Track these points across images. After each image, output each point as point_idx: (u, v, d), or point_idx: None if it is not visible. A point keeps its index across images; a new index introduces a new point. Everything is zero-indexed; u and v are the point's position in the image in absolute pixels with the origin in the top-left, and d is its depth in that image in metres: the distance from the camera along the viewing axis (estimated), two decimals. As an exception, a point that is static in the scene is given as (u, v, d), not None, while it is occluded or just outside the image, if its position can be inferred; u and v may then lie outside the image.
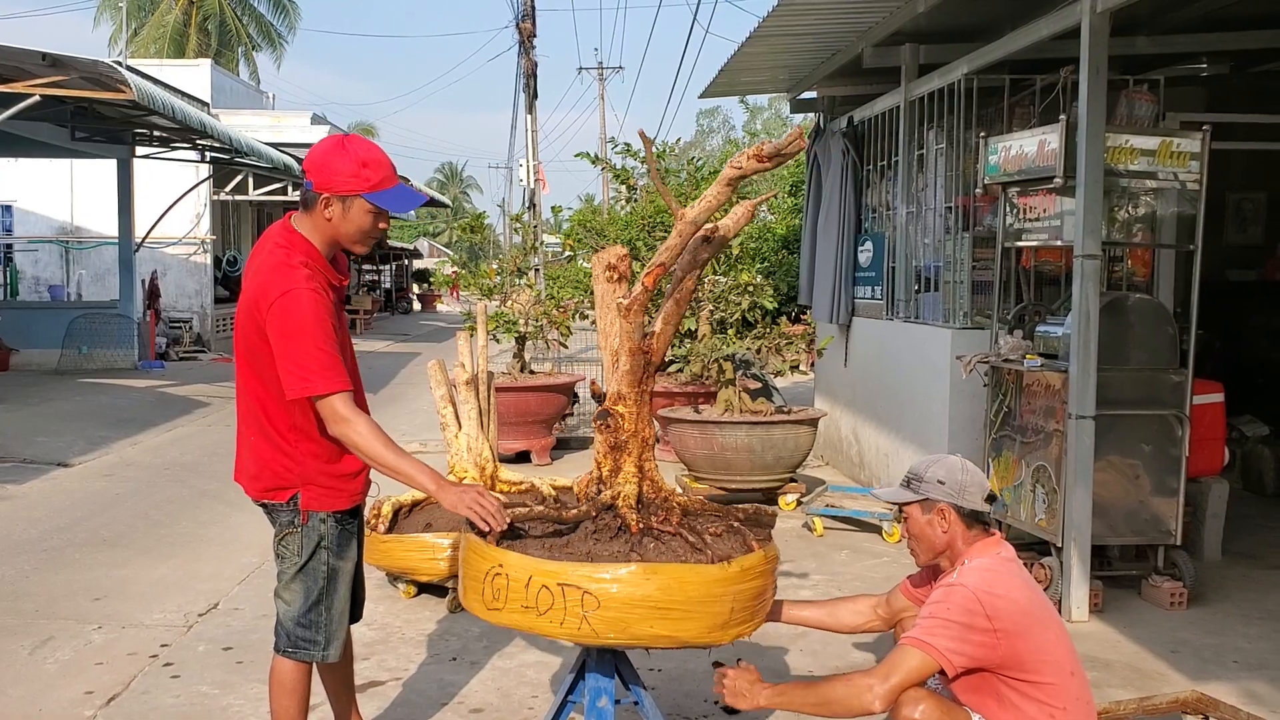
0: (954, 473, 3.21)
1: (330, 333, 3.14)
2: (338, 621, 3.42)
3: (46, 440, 10.49)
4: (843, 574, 6.16)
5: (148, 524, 7.53)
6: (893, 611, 3.65)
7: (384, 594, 5.81)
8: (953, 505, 3.18)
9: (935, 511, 3.21)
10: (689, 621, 3.05)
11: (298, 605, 3.36)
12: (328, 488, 3.31)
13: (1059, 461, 5.57)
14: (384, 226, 3.29)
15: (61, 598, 5.86)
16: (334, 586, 3.39)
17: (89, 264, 21.22)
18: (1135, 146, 5.53)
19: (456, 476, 5.84)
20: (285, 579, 3.37)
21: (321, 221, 3.23)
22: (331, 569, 3.38)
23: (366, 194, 3.18)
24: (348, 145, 3.22)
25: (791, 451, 7.45)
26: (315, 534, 3.34)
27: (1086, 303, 5.39)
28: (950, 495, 3.18)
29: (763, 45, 8.36)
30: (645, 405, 3.38)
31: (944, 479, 3.20)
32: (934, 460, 3.28)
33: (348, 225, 3.21)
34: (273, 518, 3.38)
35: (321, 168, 3.19)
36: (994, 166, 6.16)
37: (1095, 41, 5.30)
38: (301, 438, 3.26)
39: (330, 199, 3.18)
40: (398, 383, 16.45)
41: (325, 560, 3.36)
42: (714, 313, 8.54)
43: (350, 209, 3.19)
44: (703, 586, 3.06)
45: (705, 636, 3.10)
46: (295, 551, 3.34)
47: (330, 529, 3.35)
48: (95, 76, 10.64)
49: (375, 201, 3.19)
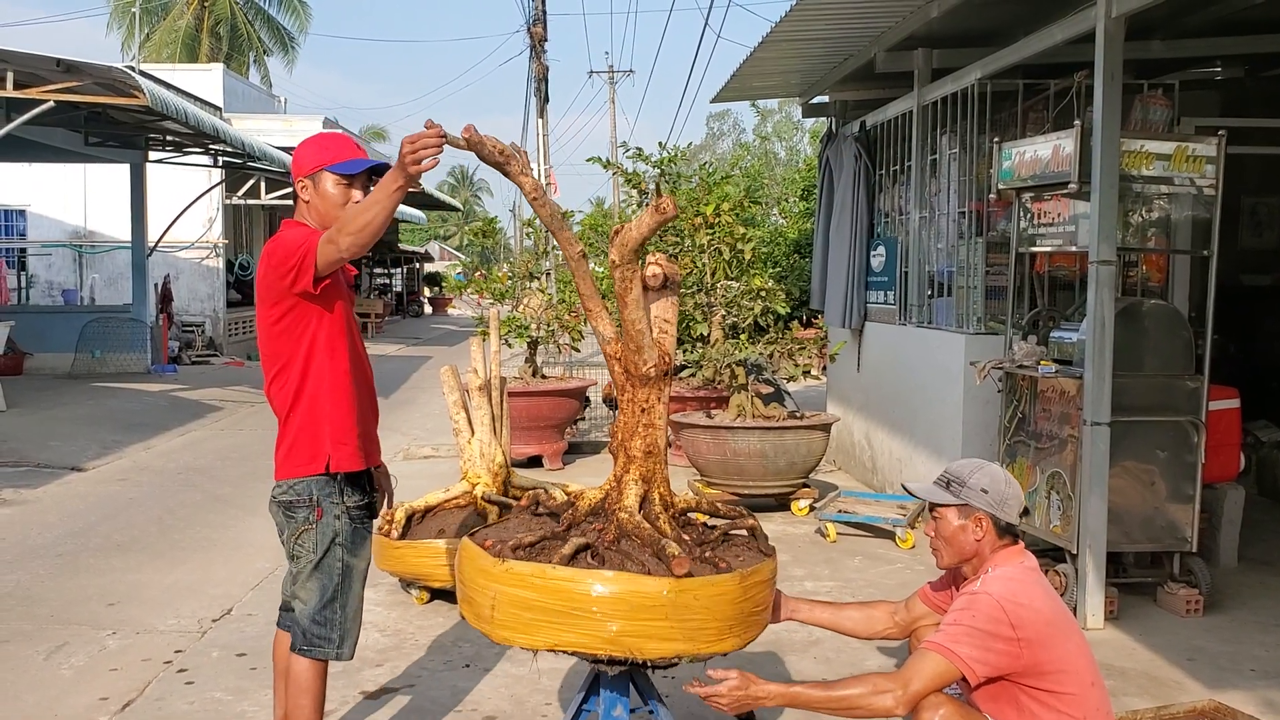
0: (998, 483, 3.21)
1: (315, 241, 3.26)
2: (352, 620, 3.50)
3: (60, 445, 10.52)
4: (856, 580, 6.14)
5: (161, 529, 7.55)
6: (910, 618, 3.63)
7: (397, 600, 5.81)
8: (990, 515, 3.17)
9: (972, 519, 3.19)
10: (694, 632, 3.05)
11: (313, 603, 3.43)
12: (344, 444, 3.40)
13: (1074, 468, 5.55)
14: (359, 197, 3.43)
15: (76, 603, 5.87)
16: (349, 584, 3.47)
17: (102, 268, 21.31)
18: (1150, 151, 5.51)
19: (470, 482, 5.85)
20: (302, 578, 3.45)
21: (304, 207, 3.48)
22: (346, 565, 3.46)
23: (329, 166, 3.42)
24: (312, 139, 3.55)
25: (804, 457, 7.43)
26: (330, 530, 3.41)
27: (1102, 309, 5.36)
28: (991, 506, 3.17)
29: (775, 50, 8.36)
30: (646, 408, 3.34)
31: (988, 488, 3.19)
32: (977, 467, 3.26)
33: (323, 201, 3.44)
34: (289, 516, 3.43)
35: (295, 161, 3.50)
36: (1008, 172, 6.14)
37: (1110, 46, 5.28)
38: (315, 402, 3.39)
39: (304, 182, 3.45)
40: (409, 387, 16.48)
41: (340, 557, 3.44)
42: (726, 317, 8.53)
43: (320, 184, 3.42)
44: (715, 596, 3.07)
45: (709, 646, 3.10)
46: (310, 549, 3.42)
47: (344, 525, 3.44)
48: (109, 82, 10.68)
49: (335, 170, 3.41)
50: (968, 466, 3.26)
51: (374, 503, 3.59)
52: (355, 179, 3.45)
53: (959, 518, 3.21)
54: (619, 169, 12.51)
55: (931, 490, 3.29)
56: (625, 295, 3.15)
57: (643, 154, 12.07)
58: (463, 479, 5.89)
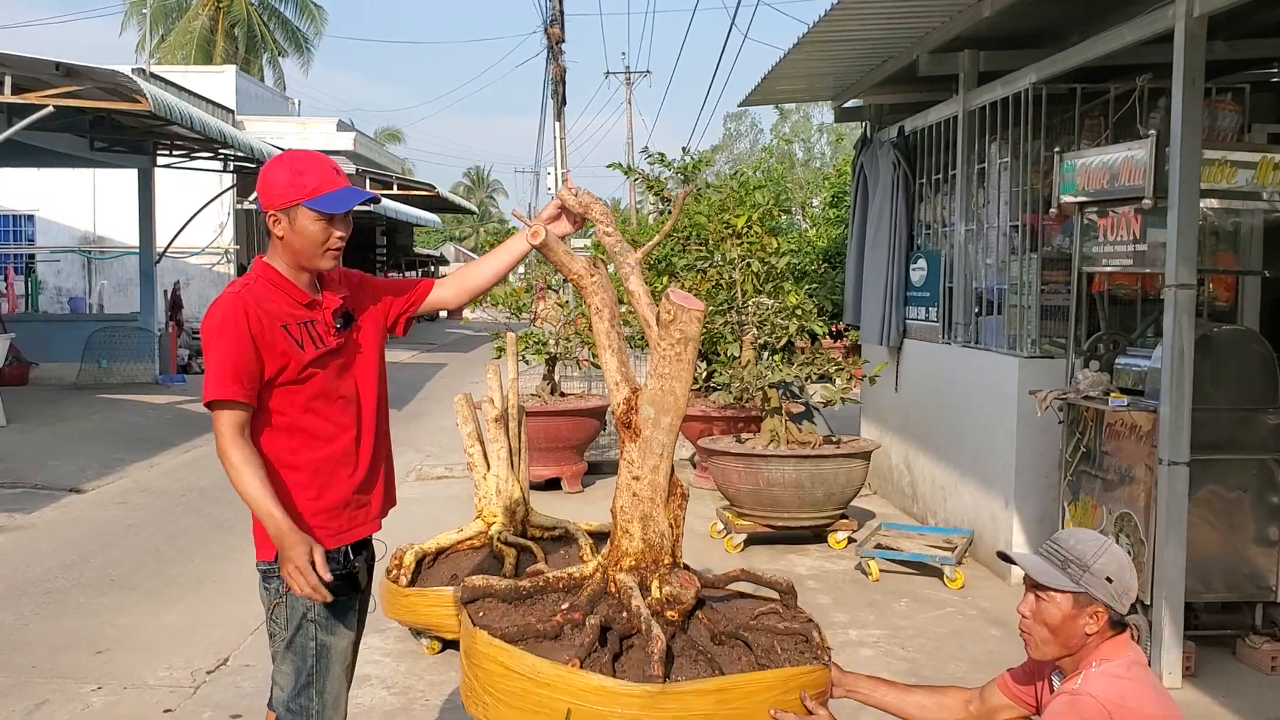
0: (1124, 572, 2.69)
1: (237, 342, 2.84)
2: (332, 708, 3.03)
3: (60, 464, 10.12)
4: (904, 628, 5.66)
5: (158, 560, 7.12)
6: (987, 709, 3.15)
7: (406, 649, 5.36)
8: (1109, 608, 2.68)
9: (1089, 611, 2.67)
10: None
11: (289, 688, 2.99)
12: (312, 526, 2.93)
13: (1147, 510, 5.06)
14: (341, 235, 2.97)
15: (62, 649, 5.45)
16: (325, 666, 3.00)
17: (112, 274, 20.96)
18: (1233, 162, 5.02)
19: (485, 521, 5.40)
20: (278, 659, 3.01)
21: (278, 243, 2.98)
22: (322, 645, 2.98)
23: (305, 201, 2.91)
24: (284, 159, 3.01)
25: (843, 487, 6.95)
26: (301, 604, 2.94)
27: (1180, 337, 4.86)
28: (1112, 598, 2.66)
29: (807, 52, 7.87)
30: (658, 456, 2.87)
31: (1114, 576, 2.66)
32: (1101, 548, 2.71)
33: (298, 239, 2.94)
34: (265, 588, 3.00)
35: (262, 187, 2.98)
36: (1070, 184, 5.66)
37: (1191, 47, 4.78)
38: (281, 469, 2.96)
39: (277, 215, 2.95)
40: (423, 397, 16.03)
41: (314, 635, 2.97)
42: (758, 337, 8.04)
43: (295, 220, 2.93)
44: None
45: None
46: (283, 625, 2.98)
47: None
48: (111, 86, 10.28)
49: (314, 206, 2.91)
50: (1090, 546, 2.71)
51: (356, 574, 3.08)
52: (336, 214, 2.94)
53: (1073, 606, 2.68)
54: (641, 176, 12.07)
55: (1043, 568, 2.74)
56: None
57: (664, 159, 11.64)
58: (477, 517, 5.44)
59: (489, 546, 5.33)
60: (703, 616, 2.88)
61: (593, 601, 2.88)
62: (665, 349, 2.71)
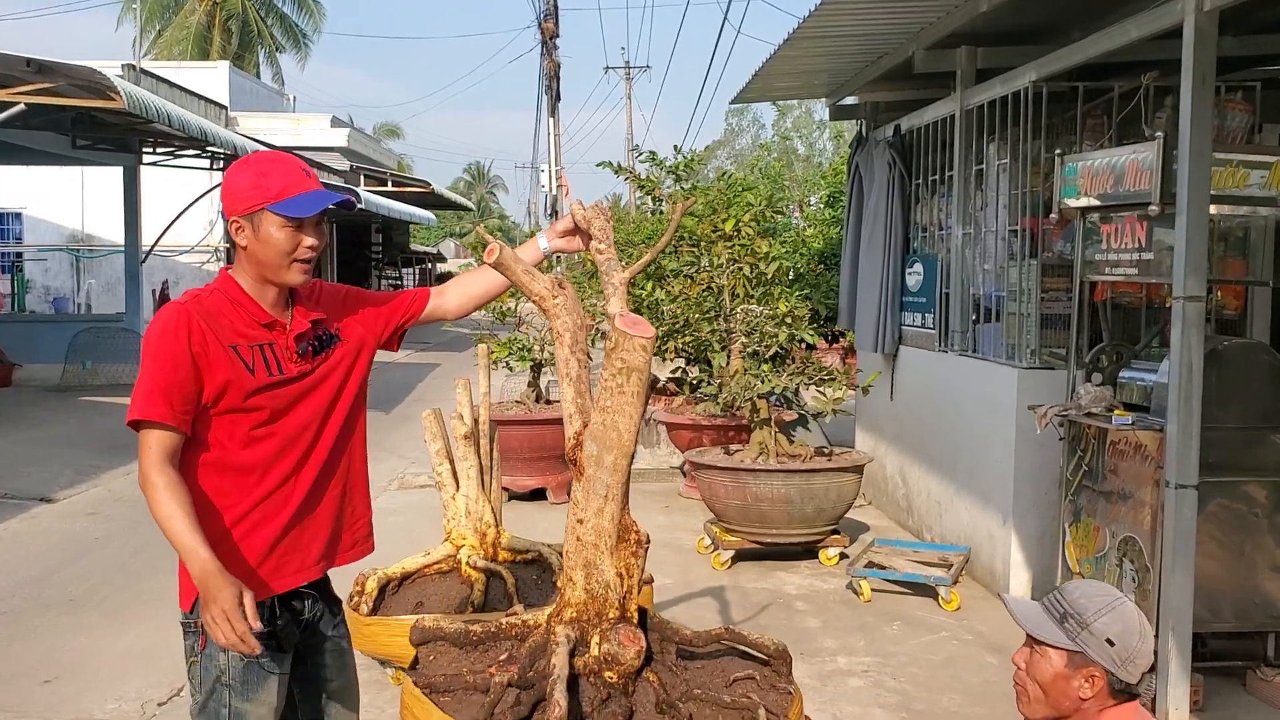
0: (1129, 635, 2.33)
1: (173, 359, 2.53)
2: None
3: (33, 470, 9.85)
4: (896, 655, 5.37)
5: (124, 576, 6.85)
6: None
7: (370, 679, 5.06)
8: (1108, 673, 2.35)
9: (1083, 673, 2.34)
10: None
11: None
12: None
13: (1152, 534, 4.77)
14: (311, 243, 2.65)
15: (9, 679, 5.17)
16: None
17: (100, 273, 20.68)
18: (1245, 165, 4.73)
19: (454, 544, 5.12)
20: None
21: (242, 254, 2.68)
22: (236, 713, 2.63)
23: (270, 205, 2.61)
24: (249, 160, 2.72)
25: (834, 502, 6.67)
26: (214, 666, 2.62)
27: (1189, 353, 4.57)
28: (1112, 663, 2.31)
29: (800, 48, 7.57)
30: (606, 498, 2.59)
31: (1115, 639, 2.32)
32: (1107, 605, 2.37)
33: (263, 248, 2.63)
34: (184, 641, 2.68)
35: (225, 192, 2.68)
36: (1072, 188, 5.36)
37: (1202, 43, 4.48)
38: (209, 510, 2.63)
39: (240, 222, 2.65)
40: (413, 400, 15.73)
41: (226, 701, 2.63)
42: (746, 345, 7.75)
43: (260, 228, 2.63)
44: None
45: None
46: (196, 686, 2.66)
47: (232, 662, 2.61)
48: (86, 84, 10.00)
49: (280, 210, 2.61)
50: (1095, 602, 2.38)
51: (279, 631, 2.68)
52: (305, 220, 2.64)
53: (1067, 665, 2.35)
54: (632, 175, 11.79)
55: (1037, 619, 2.43)
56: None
57: (656, 158, 11.35)
58: (445, 539, 5.16)
59: (457, 570, 5.05)
60: (655, 678, 2.59)
61: (534, 654, 2.61)
62: (607, 380, 2.46)
